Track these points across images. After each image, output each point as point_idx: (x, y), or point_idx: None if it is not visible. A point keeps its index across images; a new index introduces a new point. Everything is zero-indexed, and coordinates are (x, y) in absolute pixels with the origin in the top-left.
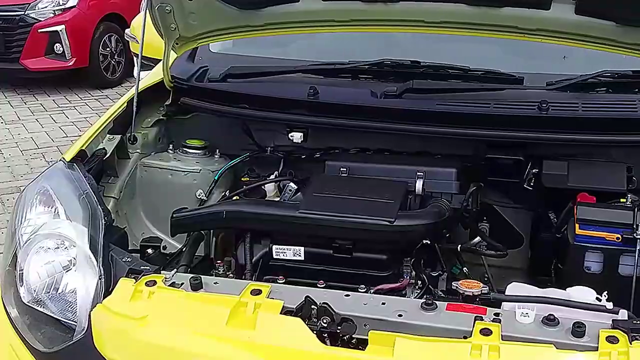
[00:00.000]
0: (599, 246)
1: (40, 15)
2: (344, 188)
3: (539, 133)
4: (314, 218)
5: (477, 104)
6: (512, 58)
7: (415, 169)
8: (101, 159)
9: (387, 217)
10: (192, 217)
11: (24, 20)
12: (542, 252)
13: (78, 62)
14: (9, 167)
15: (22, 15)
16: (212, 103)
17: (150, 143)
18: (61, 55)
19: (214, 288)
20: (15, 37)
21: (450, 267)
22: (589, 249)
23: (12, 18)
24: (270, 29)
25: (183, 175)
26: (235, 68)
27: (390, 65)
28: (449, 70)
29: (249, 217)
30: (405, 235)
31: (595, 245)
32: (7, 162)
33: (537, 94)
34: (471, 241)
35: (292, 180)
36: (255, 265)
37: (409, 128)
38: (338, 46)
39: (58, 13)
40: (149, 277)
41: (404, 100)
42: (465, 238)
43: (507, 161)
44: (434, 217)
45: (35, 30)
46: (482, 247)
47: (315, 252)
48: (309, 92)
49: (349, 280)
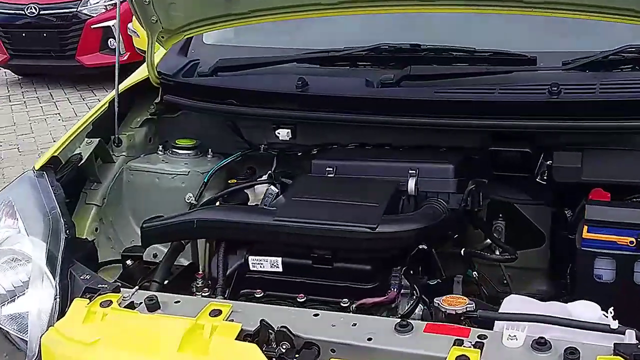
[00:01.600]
0: (610, 251)
1: (92, 11)
2: (327, 191)
3: (549, 121)
4: (290, 226)
5: (481, 90)
6: (524, 35)
7: (408, 167)
8: (75, 166)
9: (368, 223)
10: (162, 228)
11: (77, 16)
12: (560, 253)
13: (132, 56)
14: None
15: (75, 12)
16: (195, 100)
17: (138, 145)
18: (115, 50)
19: (173, 308)
20: (70, 34)
21: (465, 271)
22: (599, 254)
23: (65, 15)
24: (255, 16)
25: (170, 178)
26: (223, 61)
27: (388, 50)
28: (452, 52)
29: (221, 226)
30: (391, 242)
31: (605, 250)
32: None
33: (550, 75)
34: (485, 241)
35: (272, 183)
36: (230, 278)
37: (402, 120)
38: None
39: (110, 8)
40: (105, 296)
41: (401, 89)
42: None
43: (513, 154)
44: (425, 221)
45: (88, 27)
46: (494, 248)
47: (294, 263)
48: (297, 84)
49: (331, 293)
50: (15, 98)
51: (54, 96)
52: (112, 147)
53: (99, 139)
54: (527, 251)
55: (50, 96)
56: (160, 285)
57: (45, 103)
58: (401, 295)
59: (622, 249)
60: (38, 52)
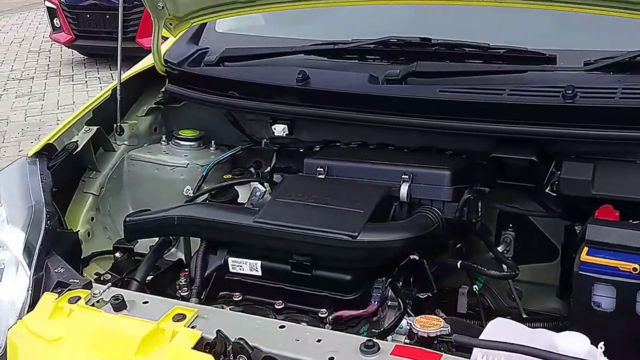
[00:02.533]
0: (610, 278)
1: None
2: (313, 193)
3: (560, 127)
4: (267, 229)
5: (489, 91)
6: (543, 31)
7: (402, 171)
8: (71, 154)
9: (349, 230)
10: (144, 223)
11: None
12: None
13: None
14: None
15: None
16: (195, 91)
17: (141, 134)
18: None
19: (140, 309)
20: (131, 17)
21: (472, 282)
22: (598, 280)
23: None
24: (263, 5)
25: (169, 169)
26: (229, 51)
27: (397, 43)
28: (465, 48)
29: (200, 224)
30: (373, 252)
31: (605, 276)
32: None
33: (568, 76)
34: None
35: (259, 181)
36: (209, 279)
37: (399, 121)
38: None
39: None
40: (75, 292)
41: (404, 86)
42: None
43: (517, 162)
44: (413, 231)
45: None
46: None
47: (273, 268)
48: (298, 78)
49: (310, 302)
50: (77, 78)
51: (115, 77)
52: (115, 135)
53: (97, 127)
54: (539, 265)
55: (111, 77)
56: (139, 284)
57: (106, 84)
58: (388, 307)
59: (624, 276)
60: (101, 34)
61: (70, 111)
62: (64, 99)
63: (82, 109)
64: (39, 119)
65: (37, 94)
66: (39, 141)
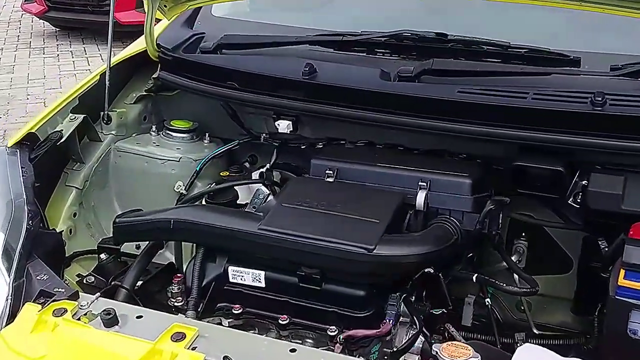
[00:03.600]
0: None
1: None
2: (323, 198)
3: (588, 137)
4: (275, 238)
5: (512, 94)
6: (567, 32)
7: (419, 177)
8: (54, 144)
9: (365, 243)
10: (137, 225)
11: None
12: (589, 286)
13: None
14: None
15: None
16: (191, 79)
17: (130, 123)
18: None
19: (134, 325)
20: None
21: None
22: (636, 307)
23: None
24: None
25: (160, 163)
26: (228, 37)
27: (410, 38)
28: (483, 46)
29: (199, 229)
30: (390, 267)
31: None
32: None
33: (595, 81)
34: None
35: (263, 182)
36: (207, 289)
37: (415, 122)
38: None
39: None
40: (60, 303)
41: (419, 85)
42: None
43: (542, 171)
44: (432, 244)
45: None
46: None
47: (279, 280)
48: (304, 71)
49: (318, 318)
50: (49, 51)
51: (88, 51)
52: (101, 124)
53: (84, 115)
54: (551, 277)
55: (83, 51)
56: (128, 293)
57: (78, 58)
58: (399, 324)
59: None
60: (75, 6)
61: (40, 85)
62: (35, 72)
63: (68, 95)
64: (7, 93)
65: (6, 67)
66: (19, 130)
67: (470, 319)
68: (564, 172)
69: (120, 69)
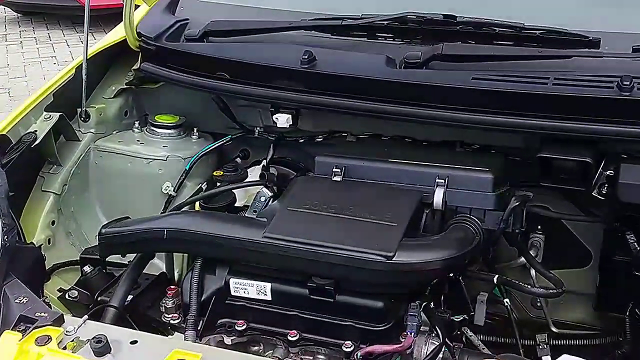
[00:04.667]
0: None
1: None
2: (332, 200)
3: (617, 125)
4: (282, 246)
5: (531, 79)
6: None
7: (436, 173)
8: (28, 147)
9: (383, 249)
10: (125, 236)
11: None
12: (614, 282)
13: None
14: None
15: None
16: (176, 71)
17: (110, 119)
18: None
19: (128, 353)
20: None
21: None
22: None
23: None
24: None
25: (145, 163)
26: (215, 23)
27: (416, 21)
28: (495, 28)
29: (197, 239)
30: (412, 275)
31: None
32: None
33: (618, 63)
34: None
35: (265, 185)
36: (207, 304)
37: (426, 113)
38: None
39: None
40: (44, 330)
41: (429, 72)
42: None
43: (568, 163)
44: (455, 248)
45: None
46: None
47: (286, 292)
48: (303, 59)
49: (332, 333)
50: (11, 38)
51: (52, 37)
52: (79, 122)
53: (59, 114)
54: (569, 271)
55: (48, 37)
56: (117, 313)
57: (42, 44)
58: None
59: None
60: None
61: (4, 75)
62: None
63: (41, 92)
64: None
65: None
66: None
67: (484, 318)
68: (592, 164)
69: (97, 60)
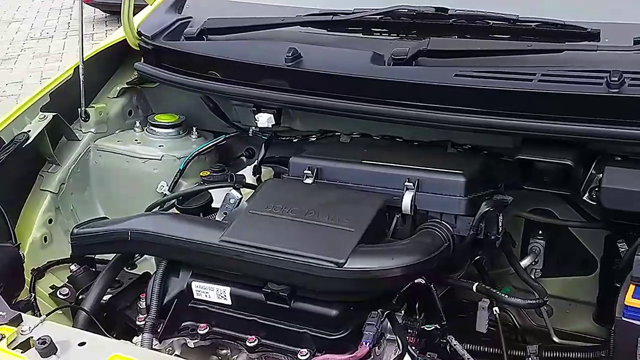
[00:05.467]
0: None
1: None
2: (296, 203)
3: (603, 125)
4: (238, 251)
5: (517, 76)
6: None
7: (406, 175)
8: (20, 146)
9: (334, 255)
10: (93, 237)
11: None
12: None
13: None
14: None
15: None
16: (170, 70)
17: (113, 119)
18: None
19: (73, 354)
20: None
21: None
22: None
23: None
24: None
25: (141, 162)
26: (212, 21)
27: (408, 14)
28: (488, 21)
29: (157, 241)
30: (365, 283)
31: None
32: None
33: (613, 56)
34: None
35: (233, 186)
36: (169, 306)
37: (405, 113)
38: None
39: None
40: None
41: (414, 68)
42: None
43: (549, 166)
44: (416, 254)
45: None
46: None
47: (245, 297)
48: (287, 57)
49: (288, 340)
50: (98, 36)
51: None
52: (80, 122)
53: (53, 114)
54: (573, 279)
55: None
56: (87, 317)
57: None
58: (387, 342)
59: None
60: None
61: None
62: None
63: (37, 92)
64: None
65: (55, 55)
66: None
67: (486, 325)
68: (574, 166)
69: (100, 60)
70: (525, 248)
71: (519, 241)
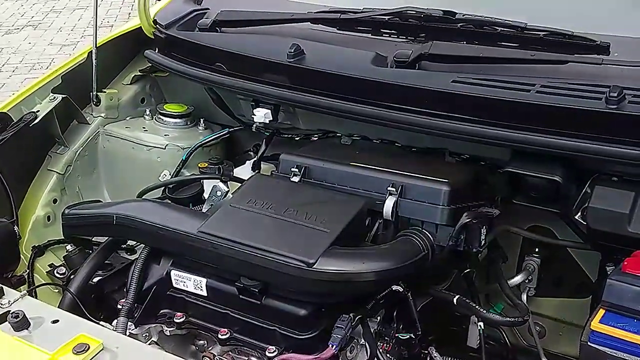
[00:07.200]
0: (627, 357)
1: None
2: (278, 201)
3: (600, 142)
4: (214, 243)
5: (515, 86)
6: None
7: (390, 181)
8: (27, 126)
9: (305, 255)
10: (82, 219)
11: None
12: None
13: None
14: None
15: None
16: (178, 60)
17: (123, 105)
18: None
19: (44, 331)
20: None
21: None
22: (609, 357)
23: None
24: None
25: (146, 150)
26: (224, 14)
27: (416, 16)
28: (497, 27)
29: (139, 227)
30: (334, 285)
31: (621, 354)
32: None
33: (619, 71)
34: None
35: (220, 179)
36: (147, 293)
37: (403, 118)
38: None
39: None
40: None
41: (415, 72)
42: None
43: (537, 180)
44: (389, 260)
45: None
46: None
47: (219, 289)
48: (289, 53)
49: (258, 336)
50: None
51: None
52: (92, 106)
53: (63, 96)
54: (568, 300)
55: None
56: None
57: None
58: (359, 347)
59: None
60: None
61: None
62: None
63: (49, 74)
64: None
65: None
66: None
67: (477, 340)
68: (562, 183)
69: (116, 46)
70: (521, 265)
71: (516, 258)
